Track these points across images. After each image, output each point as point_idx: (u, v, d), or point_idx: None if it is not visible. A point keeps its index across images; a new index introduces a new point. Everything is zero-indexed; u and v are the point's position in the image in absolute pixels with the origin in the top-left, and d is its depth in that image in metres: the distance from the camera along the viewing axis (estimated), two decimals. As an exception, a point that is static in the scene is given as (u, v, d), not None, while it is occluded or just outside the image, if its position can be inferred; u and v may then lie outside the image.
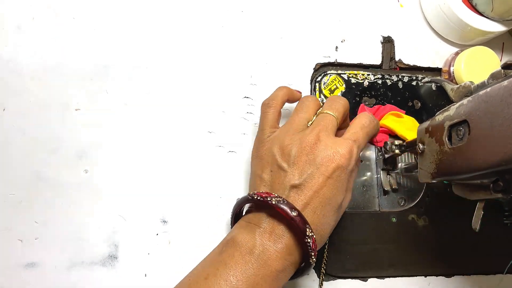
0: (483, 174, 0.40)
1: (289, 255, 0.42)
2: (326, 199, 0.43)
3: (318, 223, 0.43)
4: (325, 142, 0.45)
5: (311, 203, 0.43)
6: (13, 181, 0.53)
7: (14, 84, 0.55)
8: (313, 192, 0.43)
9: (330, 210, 0.44)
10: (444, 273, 0.60)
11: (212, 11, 0.61)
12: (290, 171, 0.44)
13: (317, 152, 0.44)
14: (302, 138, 0.45)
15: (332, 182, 0.44)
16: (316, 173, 0.43)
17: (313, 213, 0.43)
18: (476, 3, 0.61)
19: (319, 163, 0.44)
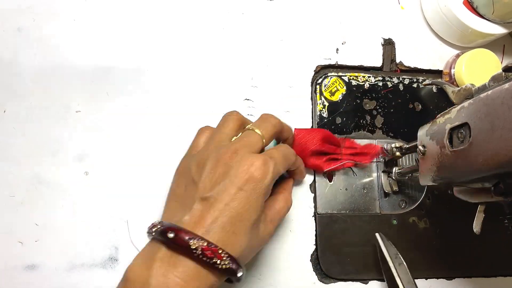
0: (484, 177, 0.40)
1: (196, 281, 0.37)
2: (237, 214, 0.39)
3: (228, 241, 0.39)
4: (241, 156, 0.42)
5: (220, 218, 0.39)
6: (13, 183, 0.53)
7: (14, 86, 0.55)
8: (223, 205, 0.39)
9: (242, 227, 0.40)
10: (445, 276, 0.59)
11: (213, 13, 0.61)
12: (202, 183, 0.41)
13: (232, 163, 0.41)
14: (219, 151, 0.43)
15: (244, 195, 0.40)
16: (228, 185, 0.40)
17: (221, 229, 0.39)
18: (477, 6, 0.61)
19: (233, 174, 0.40)
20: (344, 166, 0.59)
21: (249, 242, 0.41)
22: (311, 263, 0.57)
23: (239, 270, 0.39)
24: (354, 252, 0.57)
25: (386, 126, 0.62)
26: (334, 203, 0.59)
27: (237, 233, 0.40)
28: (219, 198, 0.40)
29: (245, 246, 0.40)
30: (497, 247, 0.61)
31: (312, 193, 0.58)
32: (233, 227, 0.39)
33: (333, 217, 0.58)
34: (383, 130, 0.62)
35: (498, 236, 0.61)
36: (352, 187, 0.59)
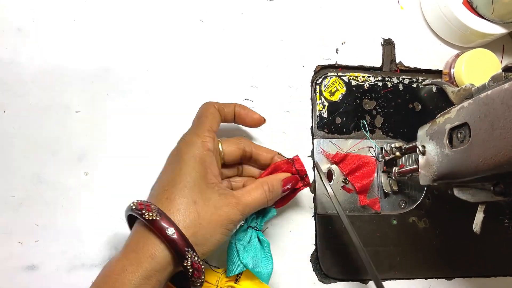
0: (484, 177, 0.40)
1: (134, 234, 0.41)
2: (169, 180, 0.44)
3: (164, 205, 0.41)
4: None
5: (156, 184, 0.45)
6: (13, 184, 0.53)
7: (14, 86, 0.55)
8: (162, 174, 0.46)
9: (176, 191, 0.42)
10: (445, 276, 0.60)
11: (213, 13, 0.61)
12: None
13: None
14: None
15: (175, 160, 0.45)
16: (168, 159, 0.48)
17: (157, 195, 0.43)
18: (477, 6, 0.61)
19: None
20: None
21: (189, 207, 0.41)
22: (311, 263, 0.57)
23: (167, 225, 0.39)
24: (354, 253, 0.57)
25: (386, 126, 0.62)
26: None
27: (170, 198, 0.41)
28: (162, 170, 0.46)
29: (182, 208, 0.41)
30: (497, 247, 0.61)
31: (312, 193, 0.58)
32: (167, 193, 0.42)
33: (333, 217, 0.58)
34: (383, 130, 0.62)
35: (498, 236, 0.61)
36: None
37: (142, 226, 0.41)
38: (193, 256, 0.39)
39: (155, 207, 0.40)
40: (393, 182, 0.59)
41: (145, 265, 0.38)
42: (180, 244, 0.39)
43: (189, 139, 0.46)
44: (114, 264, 0.39)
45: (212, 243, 0.42)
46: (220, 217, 0.42)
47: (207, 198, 0.42)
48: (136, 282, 0.38)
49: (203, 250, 0.41)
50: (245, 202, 0.44)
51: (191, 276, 0.40)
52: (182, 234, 0.39)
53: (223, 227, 0.42)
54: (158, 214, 0.39)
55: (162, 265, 0.39)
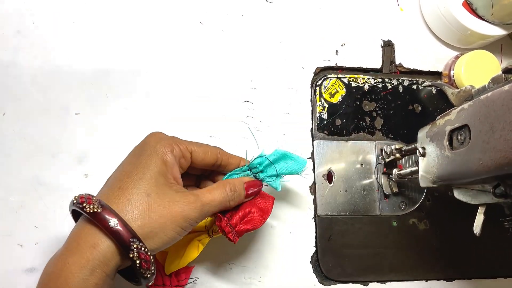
0: (484, 179, 0.40)
1: (75, 229, 0.40)
2: (125, 172, 0.43)
3: (111, 195, 0.40)
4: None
5: (111, 177, 0.44)
6: (13, 186, 0.53)
7: (14, 88, 0.55)
8: (118, 167, 0.45)
9: (130, 183, 0.41)
10: (445, 277, 0.59)
11: (212, 15, 0.61)
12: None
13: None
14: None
15: (133, 155, 0.45)
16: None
17: (109, 186, 0.42)
18: (476, 7, 0.61)
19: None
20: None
21: (140, 198, 0.40)
22: (311, 265, 0.57)
23: (109, 216, 0.38)
24: (354, 254, 0.57)
25: (386, 127, 0.62)
26: (334, 205, 0.59)
27: (123, 188, 0.40)
28: (123, 161, 0.45)
29: (132, 199, 0.40)
30: (497, 249, 0.61)
31: (312, 195, 0.58)
32: (120, 182, 0.41)
33: (333, 219, 0.58)
34: (383, 132, 0.62)
35: (499, 237, 0.61)
36: (352, 189, 0.59)
37: (84, 219, 0.39)
38: (139, 247, 0.38)
39: (97, 199, 0.39)
40: (393, 184, 0.59)
41: (87, 255, 0.37)
42: (124, 235, 0.37)
43: (160, 136, 0.45)
44: (55, 259, 0.38)
45: (162, 238, 0.40)
46: (174, 212, 0.40)
47: (162, 192, 0.41)
48: (80, 274, 0.36)
49: (151, 244, 0.40)
50: (204, 200, 0.43)
51: (139, 267, 0.38)
52: (126, 225, 0.38)
53: (175, 223, 0.40)
54: (100, 206, 0.38)
55: (106, 256, 0.38)
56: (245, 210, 0.47)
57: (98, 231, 0.38)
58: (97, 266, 0.37)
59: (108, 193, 0.41)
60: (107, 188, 0.42)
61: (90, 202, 0.38)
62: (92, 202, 0.38)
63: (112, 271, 0.39)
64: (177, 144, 0.45)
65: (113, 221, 0.37)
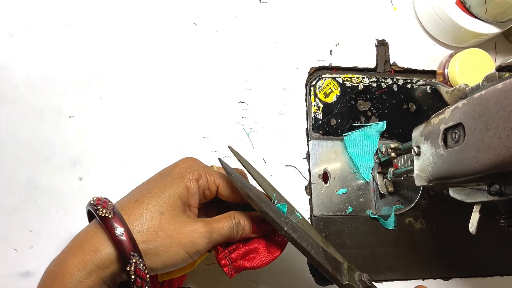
0: (479, 177, 0.40)
1: (87, 229, 0.40)
2: (146, 187, 0.43)
3: (127, 205, 0.41)
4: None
5: (134, 190, 0.44)
6: (7, 190, 0.53)
7: (7, 91, 0.55)
8: (142, 183, 0.45)
9: (147, 197, 0.42)
10: (442, 276, 0.59)
11: (206, 16, 0.61)
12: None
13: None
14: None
15: (157, 177, 0.45)
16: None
17: (129, 196, 0.43)
18: (470, 6, 0.61)
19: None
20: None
21: (153, 215, 0.40)
22: (308, 266, 0.56)
23: (117, 224, 0.38)
24: (350, 254, 0.57)
25: (381, 127, 0.62)
26: (330, 205, 0.58)
27: (139, 201, 0.41)
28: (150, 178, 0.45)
29: (145, 214, 0.40)
30: (493, 247, 0.61)
31: (308, 195, 0.58)
32: (139, 196, 0.41)
33: (329, 219, 0.58)
34: (378, 131, 0.62)
35: (494, 236, 0.61)
36: (348, 188, 0.59)
37: (95, 223, 0.40)
38: (138, 262, 0.37)
39: (112, 205, 0.39)
40: (388, 183, 0.59)
41: (87, 258, 0.37)
42: (126, 246, 0.37)
43: (192, 163, 0.45)
44: (58, 257, 0.38)
45: (163, 259, 0.40)
46: (182, 235, 0.40)
47: (176, 214, 0.41)
48: (77, 275, 0.36)
49: (152, 262, 0.39)
50: (213, 226, 0.42)
51: (132, 283, 0.38)
52: (131, 237, 0.38)
53: (180, 247, 0.40)
54: (112, 212, 0.38)
55: (105, 262, 0.37)
56: (250, 246, 0.45)
57: (103, 236, 0.38)
58: (93, 271, 0.37)
59: (124, 203, 0.41)
60: (126, 199, 0.42)
61: (105, 207, 0.39)
62: (106, 207, 0.39)
63: (108, 279, 0.38)
64: (206, 175, 0.44)
65: (120, 229, 0.37)
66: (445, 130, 0.44)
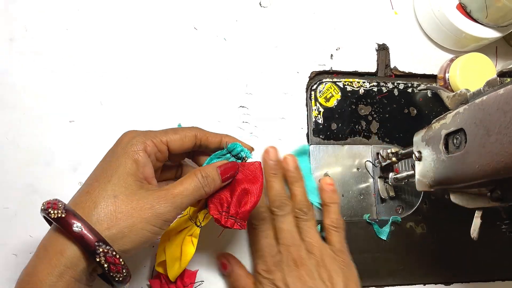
0: (481, 183, 0.40)
1: (47, 236, 0.40)
2: (94, 175, 0.42)
3: (79, 200, 0.40)
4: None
5: (84, 183, 0.43)
6: (7, 195, 0.53)
7: (7, 96, 0.55)
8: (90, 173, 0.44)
9: (97, 185, 0.41)
10: (443, 281, 0.59)
11: (207, 21, 0.61)
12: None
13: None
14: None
15: (103, 159, 0.44)
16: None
17: (80, 192, 0.42)
18: (471, 10, 0.61)
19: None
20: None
21: (107, 200, 0.39)
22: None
23: (73, 221, 0.37)
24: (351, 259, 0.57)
25: (382, 131, 0.62)
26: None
27: (90, 192, 0.40)
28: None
29: (99, 202, 0.39)
30: (494, 252, 0.61)
31: (309, 200, 0.58)
32: (88, 187, 0.41)
33: (330, 223, 0.58)
34: (379, 136, 0.62)
35: (496, 241, 0.61)
36: (349, 193, 0.59)
37: (54, 225, 0.39)
38: (106, 251, 0.37)
39: (62, 204, 0.39)
40: (389, 188, 0.59)
41: (54, 261, 0.37)
42: (88, 239, 0.37)
43: (132, 135, 0.44)
44: (26, 266, 0.38)
45: (132, 239, 0.39)
46: (143, 210, 0.39)
47: (131, 193, 0.40)
48: (48, 281, 0.36)
49: (122, 245, 0.39)
50: (175, 192, 0.41)
51: (107, 271, 0.38)
52: (91, 229, 0.37)
53: (145, 222, 0.39)
54: (64, 211, 0.38)
55: (72, 261, 0.37)
56: (237, 192, 0.45)
57: (64, 236, 0.38)
58: (64, 272, 0.37)
59: (76, 198, 0.40)
60: (77, 194, 0.41)
61: (55, 207, 0.38)
62: (57, 207, 0.38)
63: (81, 275, 0.38)
64: (151, 139, 0.43)
65: (77, 225, 0.37)
66: (446, 135, 0.44)
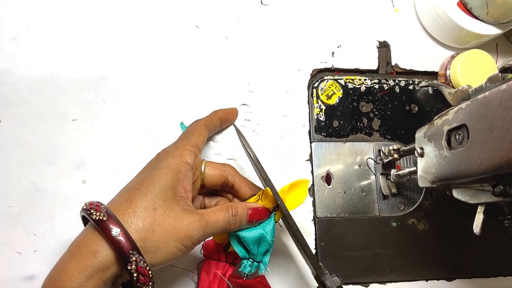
0: (483, 178, 0.40)
1: (83, 234, 0.41)
2: (136, 183, 0.44)
3: (120, 205, 0.41)
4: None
5: (123, 188, 0.45)
6: (11, 193, 0.53)
7: (10, 95, 0.55)
8: (131, 180, 0.46)
9: (139, 194, 0.42)
10: (445, 277, 0.59)
11: (208, 19, 0.61)
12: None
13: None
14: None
15: (145, 170, 0.47)
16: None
17: (118, 196, 0.44)
18: (471, 7, 0.61)
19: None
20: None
21: (146, 211, 0.40)
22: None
23: (113, 225, 0.38)
24: (354, 255, 0.57)
25: (383, 128, 0.62)
26: (333, 206, 0.59)
27: (131, 199, 0.41)
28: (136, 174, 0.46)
29: (138, 212, 0.40)
30: (497, 248, 0.61)
31: (311, 197, 0.58)
32: (129, 194, 0.42)
33: (333, 220, 0.58)
34: (380, 133, 0.62)
35: (498, 236, 0.61)
36: (351, 190, 0.59)
37: (90, 226, 0.40)
38: (139, 260, 0.38)
39: (105, 207, 0.39)
40: (391, 185, 0.59)
41: (87, 261, 0.37)
42: (124, 245, 0.37)
43: (170, 149, 0.46)
44: (58, 262, 0.39)
45: (164, 254, 0.40)
46: (178, 229, 0.41)
47: (169, 207, 0.41)
48: (77, 279, 0.36)
49: (152, 258, 0.40)
50: (208, 220, 0.43)
51: (136, 281, 0.38)
52: (128, 236, 0.38)
53: (178, 241, 0.41)
54: (106, 215, 0.39)
55: (105, 264, 0.38)
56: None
57: (100, 239, 0.38)
58: (94, 273, 0.37)
59: (116, 204, 0.41)
60: (117, 198, 0.42)
61: (98, 210, 0.39)
62: (99, 210, 0.39)
63: (109, 280, 0.39)
64: (192, 154, 0.46)
65: (116, 230, 0.38)
66: (448, 131, 0.44)
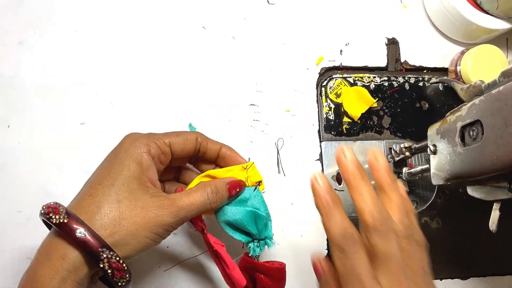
0: (499, 175, 0.40)
1: (45, 243, 0.39)
2: (96, 178, 0.42)
3: (81, 204, 0.39)
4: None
5: (84, 185, 0.43)
6: (20, 199, 0.53)
7: (18, 100, 0.55)
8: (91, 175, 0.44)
9: (100, 189, 0.40)
10: (460, 276, 0.59)
11: (215, 19, 0.61)
12: None
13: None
14: None
15: (105, 161, 0.44)
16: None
17: (80, 194, 0.41)
18: (481, 1, 0.60)
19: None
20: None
21: (111, 205, 0.39)
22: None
23: (76, 226, 0.37)
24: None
25: (394, 126, 0.61)
26: (345, 206, 0.57)
27: (93, 194, 0.39)
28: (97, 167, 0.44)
29: (102, 207, 0.39)
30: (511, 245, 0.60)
31: (322, 197, 0.58)
32: (92, 189, 0.40)
33: (344, 220, 0.57)
34: (391, 131, 0.61)
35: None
36: (362, 189, 0.59)
37: (53, 230, 0.39)
38: (110, 256, 0.37)
39: (64, 208, 0.38)
40: (403, 183, 0.58)
41: (57, 266, 0.36)
42: (93, 245, 0.36)
43: (135, 137, 0.43)
44: (27, 271, 0.38)
45: (134, 246, 0.39)
46: (147, 218, 0.39)
47: (135, 198, 0.40)
48: (51, 286, 0.36)
49: (124, 252, 0.38)
50: (181, 204, 0.41)
51: (111, 277, 0.38)
52: (95, 235, 0.37)
53: (148, 230, 0.39)
54: (66, 216, 0.37)
55: (76, 266, 0.37)
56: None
57: (66, 242, 0.37)
58: (67, 276, 0.36)
59: (79, 201, 0.40)
60: (79, 195, 0.41)
61: (56, 212, 0.37)
62: (58, 212, 0.37)
63: (84, 279, 0.38)
64: (154, 141, 0.43)
65: (80, 230, 0.37)
66: (462, 127, 0.43)
